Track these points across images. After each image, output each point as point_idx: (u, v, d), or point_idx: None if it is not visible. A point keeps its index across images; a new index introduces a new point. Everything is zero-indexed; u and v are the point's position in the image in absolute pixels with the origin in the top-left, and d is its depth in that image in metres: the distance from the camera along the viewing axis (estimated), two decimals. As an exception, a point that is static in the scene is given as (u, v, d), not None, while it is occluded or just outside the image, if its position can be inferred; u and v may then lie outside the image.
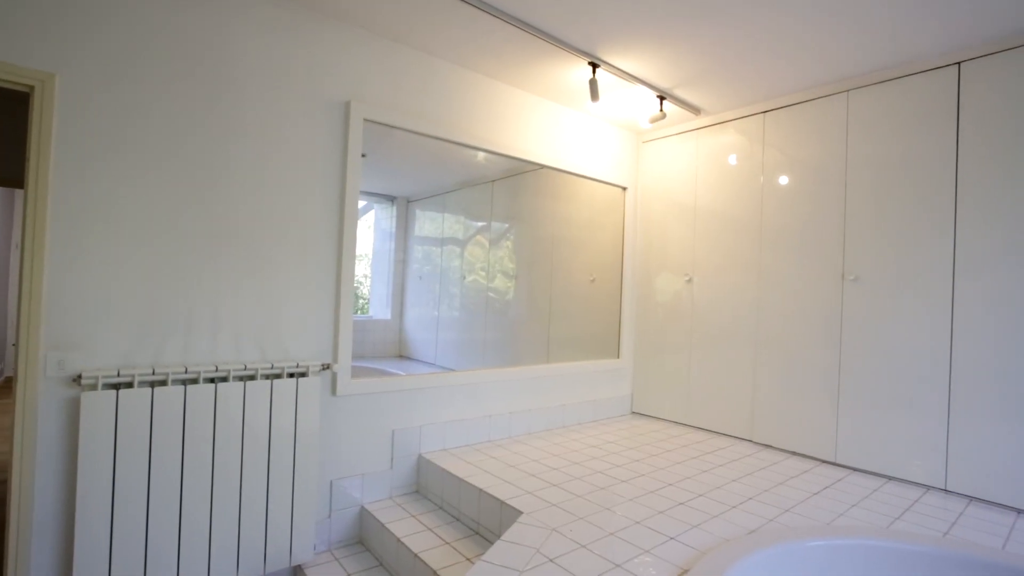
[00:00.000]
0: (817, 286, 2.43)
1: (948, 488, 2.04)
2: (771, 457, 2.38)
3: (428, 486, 2.16)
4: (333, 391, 2.00)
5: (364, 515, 2.04)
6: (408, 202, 2.64)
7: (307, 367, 1.85)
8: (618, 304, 3.17)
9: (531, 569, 1.30)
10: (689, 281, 2.95)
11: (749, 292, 2.68)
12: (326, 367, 1.92)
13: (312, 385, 1.84)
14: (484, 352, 2.72)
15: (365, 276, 2.69)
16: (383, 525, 1.90)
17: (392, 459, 2.16)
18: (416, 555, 1.69)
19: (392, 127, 2.17)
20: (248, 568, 1.70)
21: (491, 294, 2.78)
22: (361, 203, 2.43)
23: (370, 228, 2.59)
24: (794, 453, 2.47)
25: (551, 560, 1.35)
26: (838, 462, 2.33)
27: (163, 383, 1.59)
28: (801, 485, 2.02)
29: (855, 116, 2.35)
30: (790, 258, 2.53)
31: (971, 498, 1.98)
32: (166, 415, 1.55)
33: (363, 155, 2.10)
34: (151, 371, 1.56)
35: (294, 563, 1.80)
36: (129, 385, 1.54)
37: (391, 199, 2.61)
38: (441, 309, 2.69)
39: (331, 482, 2.00)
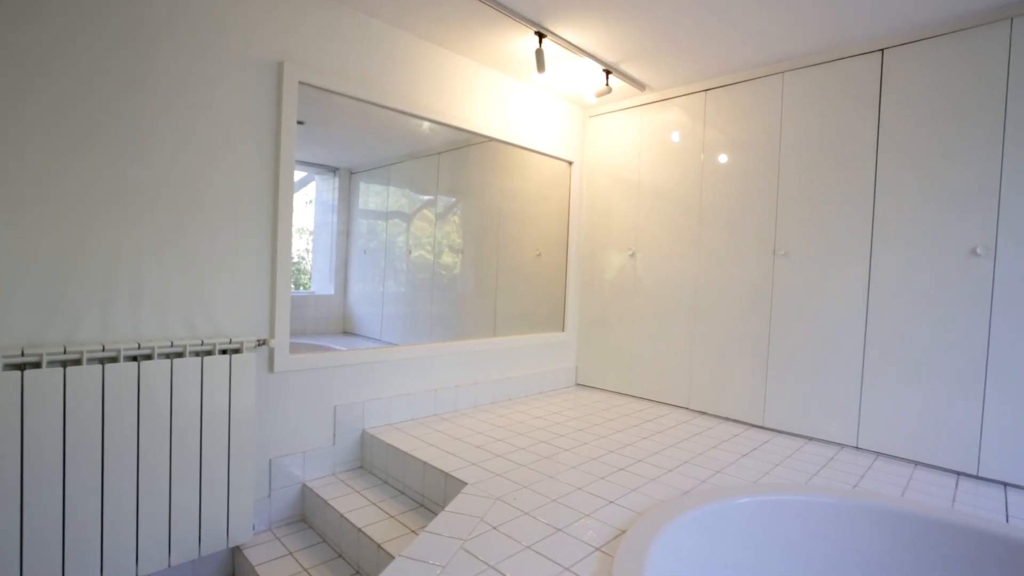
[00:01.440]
0: (750, 261, 2.55)
1: (859, 446, 2.23)
2: (706, 423, 2.51)
3: (372, 461, 2.14)
4: (270, 368, 1.92)
5: (306, 492, 2.00)
6: (351, 174, 2.54)
7: (241, 343, 1.77)
8: (563, 278, 3.21)
9: (474, 537, 1.32)
10: (632, 256, 3.02)
11: (688, 267, 2.78)
12: (262, 343, 1.84)
13: (247, 362, 1.76)
14: (431, 327, 2.69)
15: (307, 250, 2.59)
16: (325, 502, 1.87)
17: (335, 435, 2.12)
18: (360, 529, 1.68)
19: (330, 92, 2.06)
20: (181, 552, 1.63)
21: (437, 269, 2.74)
22: (301, 174, 2.32)
23: (311, 201, 2.48)
24: (727, 419, 2.61)
25: (494, 528, 1.38)
26: (766, 426, 2.49)
27: (77, 362, 1.47)
28: (732, 448, 2.15)
29: (789, 97, 2.44)
30: (726, 234, 2.64)
31: (878, 454, 2.17)
32: (82, 396, 1.44)
33: (300, 122, 1.99)
34: (62, 349, 1.44)
35: (232, 544, 1.75)
36: (36, 365, 1.41)
37: (333, 170, 2.50)
38: (386, 284, 2.63)
39: (270, 460, 1.94)
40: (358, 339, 2.50)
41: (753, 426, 2.51)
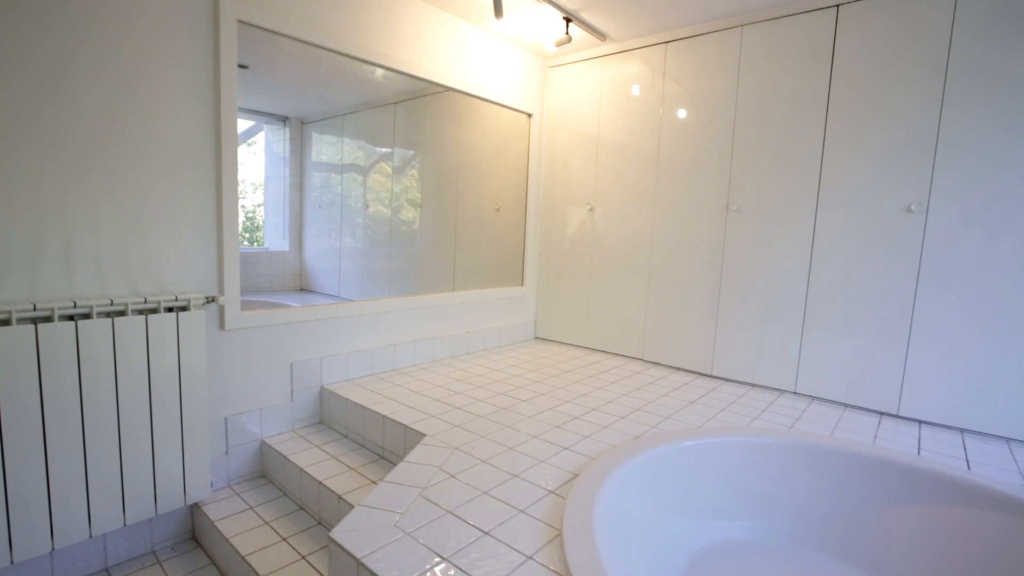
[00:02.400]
0: (704, 217, 2.61)
1: (797, 391, 2.38)
2: (658, 373, 2.62)
3: (332, 417, 2.15)
4: (221, 325, 1.87)
5: (265, 449, 2.00)
6: (303, 124, 2.41)
7: (188, 300, 1.70)
8: (522, 233, 3.21)
9: (432, 485, 1.36)
10: (591, 210, 3.04)
11: (645, 222, 2.83)
12: (211, 300, 1.78)
13: (195, 319, 1.70)
14: (389, 282, 2.66)
15: (258, 205, 2.48)
16: (285, 457, 1.88)
17: (292, 392, 2.10)
18: (320, 482, 1.70)
19: (273, 33, 1.92)
20: (137, 511, 1.62)
21: (396, 223, 2.68)
22: (248, 123, 2.19)
23: (260, 152, 2.35)
24: (678, 368, 2.74)
25: (452, 476, 1.42)
26: (714, 374, 2.62)
27: (6, 322, 1.39)
28: (681, 396, 2.26)
29: (747, 52, 2.44)
30: (682, 190, 2.68)
31: (813, 398, 2.33)
32: (14, 358, 1.37)
33: (243, 66, 1.86)
34: (-11, 309, 1.35)
35: (190, 502, 1.74)
36: (-39, 325, 1.33)
37: (283, 120, 2.37)
38: (343, 239, 2.56)
39: (226, 418, 1.91)
40: (315, 296, 2.45)
41: (703, 375, 2.64)
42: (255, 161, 2.38)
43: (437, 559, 1.07)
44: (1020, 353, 1.90)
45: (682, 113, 2.65)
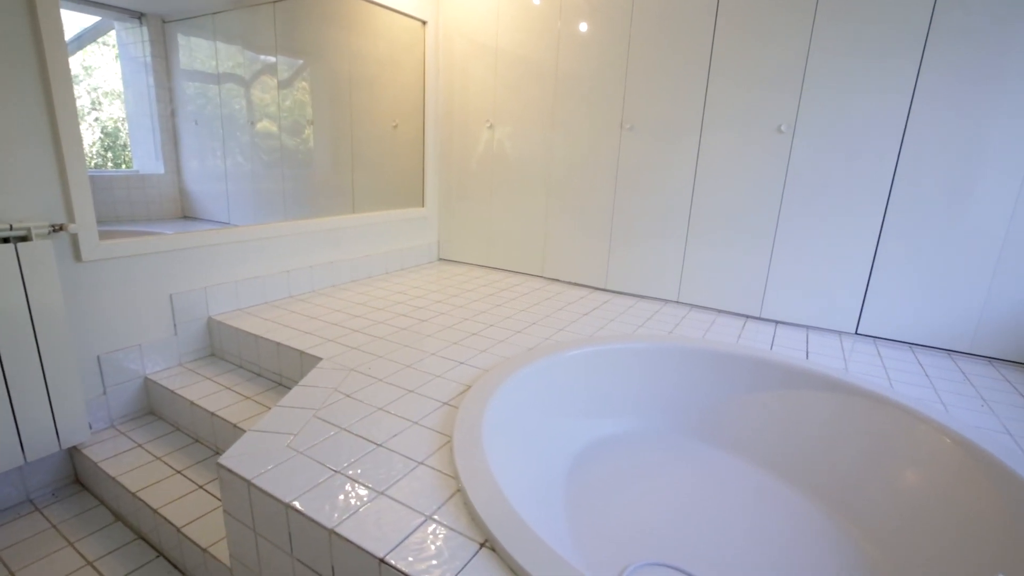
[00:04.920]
0: (600, 134, 2.65)
1: (680, 300, 2.62)
2: (557, 289, 2.75)
3: (223, 348, 2.06)
4: (77, 257, 1.68)
5: (150, 386, 1.90)
6: (164, 22, 2.08)
7: (28, 229, 1.50)
8: (421, 151, 3.10)
9: (327, 406, 1.38)
10: (490, 127, 2.97)
11: (544, 140, 2.82)
12: (58, 228, 1.58)
13: (40, 251, 1.51)
14: (284, 205, 2.49)
15: (119, 120, 2.17)
16: (173, 392, 1.80)
17: (175, 325, 1.98)
18: (213, 413, 1.66)
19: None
20: (2, 460, 1.50)
21: (287, 142, 2.47)
22: (92, 18, 1.86)
23: (115, 56, 2.02)
24: (576, 284, 2.88)
25: (348, 396, 1.44)
26: (608, 288, 2.79)
27: None
28: (576, 309, 2.40)
29: (642, -39, 2.40)
30: (580, 107, 2.68)
31: (693, 306, 2.57)
32: None
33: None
34: None
35: (66, 445, 1.63)
36: None
37: (137, 16, 2.03)
38: (228, 160, 2.33)
39: (98, 357, 1.77)
40: (202, 224, 2.25)
41: (598, 289, 2.80)
42: (112, 67, 2.05)
43: (330, 473, 1.10)
44: (854, 262, 2.20)
45: (580, 26, 2.60)
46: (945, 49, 1.92)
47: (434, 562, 0.87)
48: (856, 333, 2.26)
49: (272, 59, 2.35)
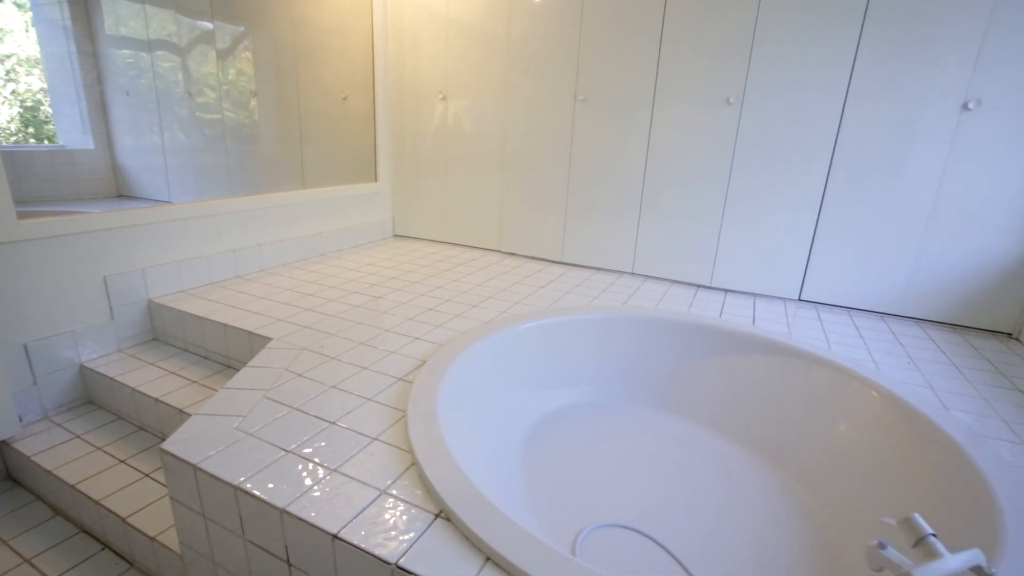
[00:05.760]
0: (553, 106, 2.63)
1: (634, 272, 2.66)
2: (514, 263, 2.75)
3: (166, 331, 1.97)
4: (-8, 238, 1.55)
5: (86, 374, 1.80)
6: (83, -19, 1.91)
7: (-67, 208, 1.37)
8: (373, 124, 3.00)
9: (278, 386, 1.34)
10: (443, 99, 2.90)
11: (497, 112, 2.78)
12: (-31, 207, 1.45)
13: (-50, 231, 1.39)
14: (229, 181, 2.37)
15: (38, 91, 1.99)
16: (113, 379, 1.71)
17: (111, 309, 1.87)
18: (157, 400, 1.60)
19: None
20: (-82, 456, 1.40)
21: (231, 115, 2.34)
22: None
23: (30, 20, 1.84)
24: (532, 258, 2.89)
25: (299, 375, 1.41)
26: (564, 261, 2.81)
27: None
28: (532, 282, 2.41)
29: (593, -73, 2.35)
30: (533, 78, 2.65)
31: (647, 277, 2.63)
32: None
33: None
34: None
35: (-6, 438, 1.54)
36: None
37: (52, -27, 1.86)
38: (166, 134, 2.18)
39: (25, 345, 1.66)
40: (139, 202, 2.11)
41: (554, 262, 2.82)
42: (25, 31, 1.88)
43: (281, 453, 1.08)
44: (797, 232, 2.29)
45: (532, -6, 2.54)
46: (882, 28, 1.99)
47: (389, 535, 0.87)
48: (799, 299, 2.37)
49: (209, 25, 2.21)
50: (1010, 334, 2.06)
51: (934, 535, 0.79)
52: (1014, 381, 1.65)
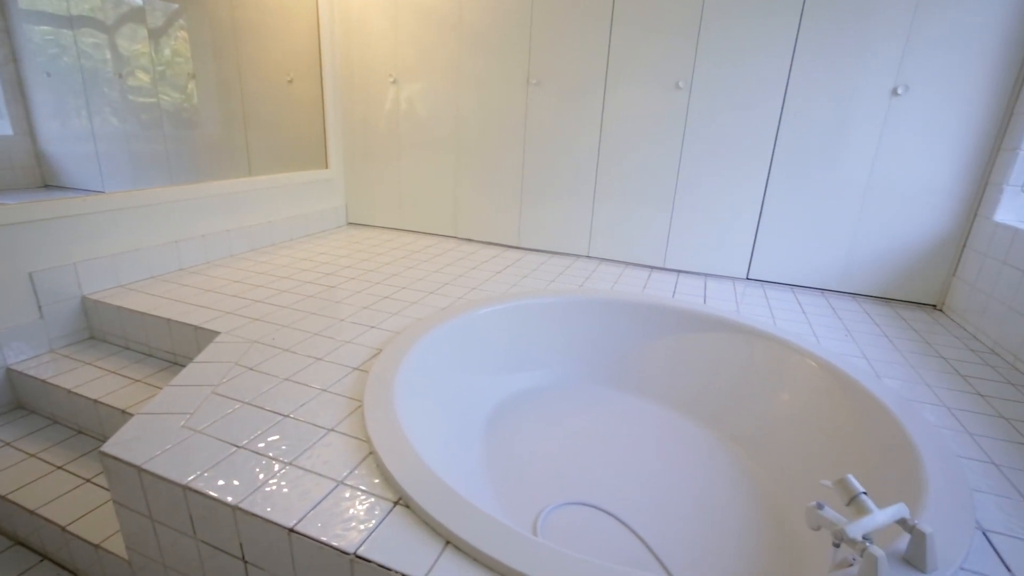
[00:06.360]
0: (506, 89, 2.61)
1: (590, 255, 2.70)
2: (470, 249, 2.74)
3: (104, 329, 1.86)
4: (-102, 233, 1.42)
5: (15, 377, 1.68)
6: (-11, -52, 1.75)
7: None
8: (321, 108, 2.90)
9: (227, 381, 1.30)
10: (394, 82, 2.83)
11: (450, 94, 2.74)
12: None
13: None
14: (169, 169, 2.24)
15: None
16: (45, 382, 1.61)
17: (40, 307, 1.75)
18: (96, 401, 1.51)
19: None
20: None
21: (168, 97, 2.20)
22: None
23: None
24: (489, 243, 2.88)
25: (251, 369, 1.37)
26: (521, 246, 2.82)
27: None
28: (489, 267, 2.41)
29: (542, -93, 2.33)
30: (485, 60, 2.61)
31: (602, 259, 2.67)
32: None
33: None
34: None
35: (-89, 449, 1.42)
36: None
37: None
38: (96, 119, 2.04)
39: (-58, 348, 1.54)
40: (67, 193, 1.97)
41: (511, 247, 2.82)
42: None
43: (232, 449, 1.05)
44: (744, 213, 2.37)
45: (482, -26, 2.50)
46: (820, 14, 2.06)
47: (348, 525, 0.87)
48: (747, 278, 2.47)
49: (138, 1, 2.06)
50: (935, 305, 2.21)
51: (865, 493, 0.85)
52: (938, 349, 1.77)
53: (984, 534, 0.94)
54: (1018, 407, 1.40)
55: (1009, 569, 0.86)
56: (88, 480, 1.41)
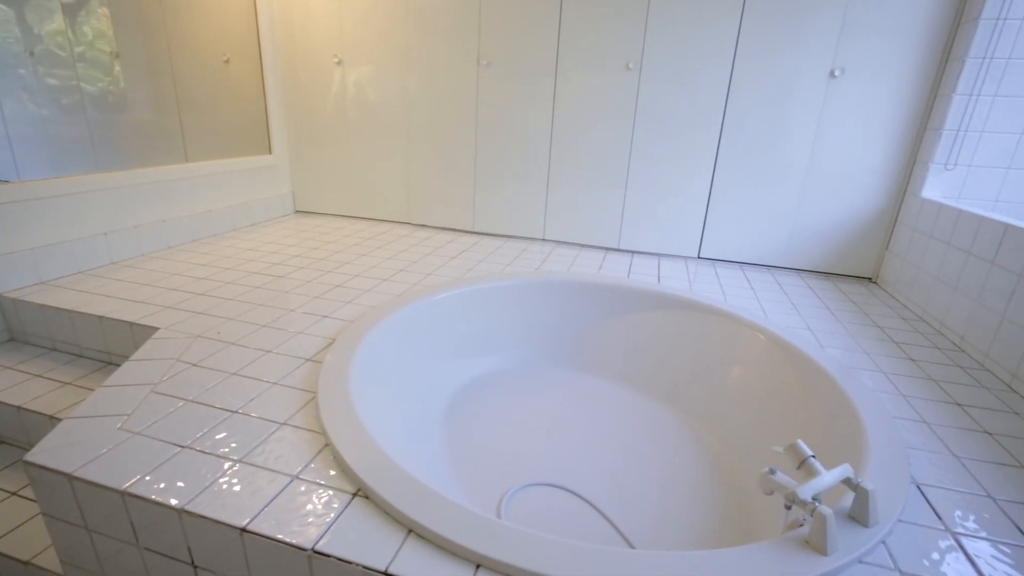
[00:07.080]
0: (457, 71, 2.56)
1: (545, 238, 2.70)
2: (424, 235, 2.68)
3: (26, 330, 1.72)
4: None
5: (-77, 384, 1.53)
6: None
7: None
8: (261, 90, 2.75)
9: (168, 379, 1.22)
10: (340, 63, 2.72)
11: (399, 76, 2.66)
12: None
13: None
14: (95, 155, 2.07)
15: None
16: (-41, 389, 1.47)
17: (-51, 308, 1.60)
18: (20, 408, 1.40)
19: None
20: None
21: (89, 78, 2.02)
22: None
23: None
24: (443, 228, 2.84)
25: (194, 365, 1.29)
26: (475, 230, 2.79)
27: None
28: (444, 253, 2.37)
29: None
30: (434, 42, 2.55)
31: (558, 242, 2.68)
32: None
33: None
34: None
35: None
36: None
37: None
38: (5, 102, 1.85)
39: None
40: None
41: (466, 232, 2.79)
42: None
43: (176, 449, 0.99)
44: (694, 193, 2.42)
45: (427, -50, 2.42)
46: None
47: (305, 520, 0.83)
48: (699, 257, 2.53)
49: (46, -29, 1.88)
50: (870, 278, 2.34)
51: (813, 456, 0.89)
52: (874, 319, 1.88)
53: (918, 487, 1.00)
54: (944, 370, 1.51)
55: (940, 518, 0.92)
56: (13, 493, 1.30)
